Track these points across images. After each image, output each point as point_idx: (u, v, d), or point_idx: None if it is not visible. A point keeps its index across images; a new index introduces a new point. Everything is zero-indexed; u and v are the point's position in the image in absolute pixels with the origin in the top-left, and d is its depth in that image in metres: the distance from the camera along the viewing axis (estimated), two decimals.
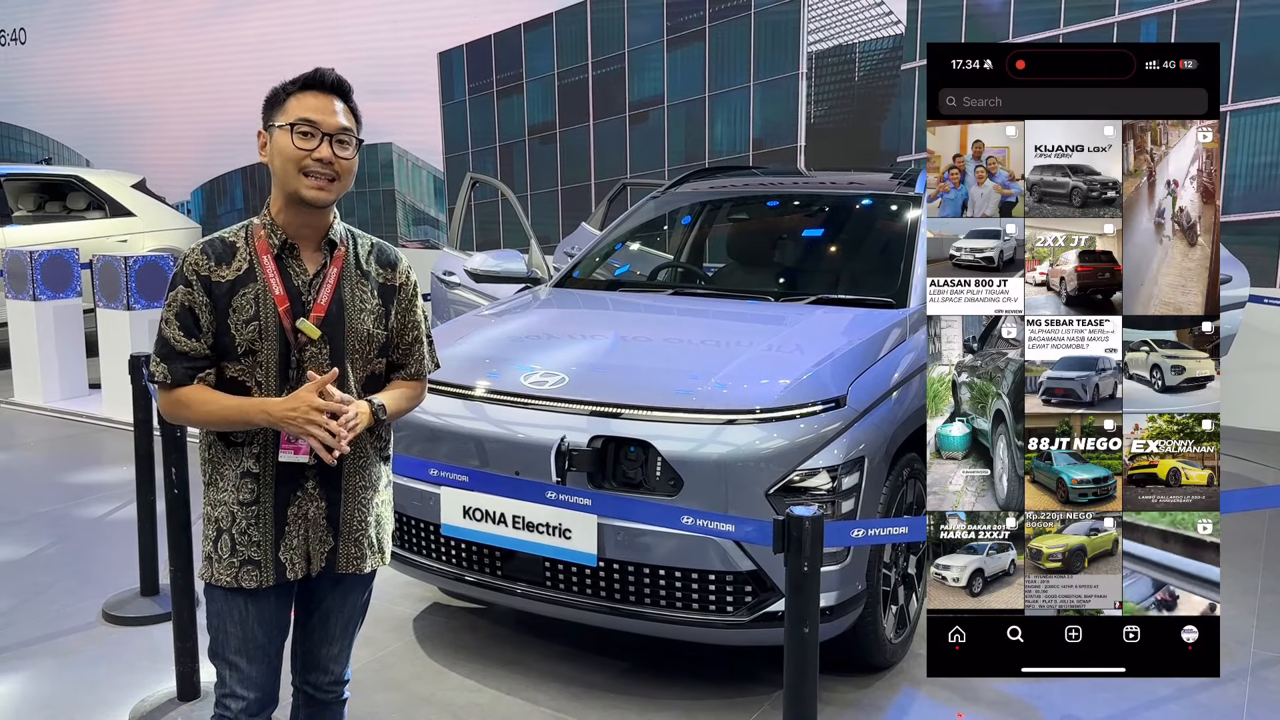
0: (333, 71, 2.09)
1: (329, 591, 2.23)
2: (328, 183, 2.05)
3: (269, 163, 2.09)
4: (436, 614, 3.85)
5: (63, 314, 7.23)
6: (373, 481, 2.21)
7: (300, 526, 2.11)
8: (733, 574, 2.99)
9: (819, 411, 3.07)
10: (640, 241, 5.10)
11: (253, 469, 2.08)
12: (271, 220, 2.10)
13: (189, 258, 2.06)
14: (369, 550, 2.20)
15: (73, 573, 4.27)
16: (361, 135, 2.13)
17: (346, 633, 2.29)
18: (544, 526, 3.06)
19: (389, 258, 2.23)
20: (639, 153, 9.11)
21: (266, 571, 2.10)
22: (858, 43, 8.12)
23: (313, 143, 2.03)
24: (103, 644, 3.64)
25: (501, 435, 3.22)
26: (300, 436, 2.01)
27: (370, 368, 2.18)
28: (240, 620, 2.12)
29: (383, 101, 10.43)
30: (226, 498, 2.09)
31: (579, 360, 3.42)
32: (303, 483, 2.10)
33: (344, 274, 2.14)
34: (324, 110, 2.05)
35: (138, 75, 12.36)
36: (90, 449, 6.23)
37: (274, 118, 2.07)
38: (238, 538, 2.08)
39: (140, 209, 9.45)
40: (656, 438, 3.03)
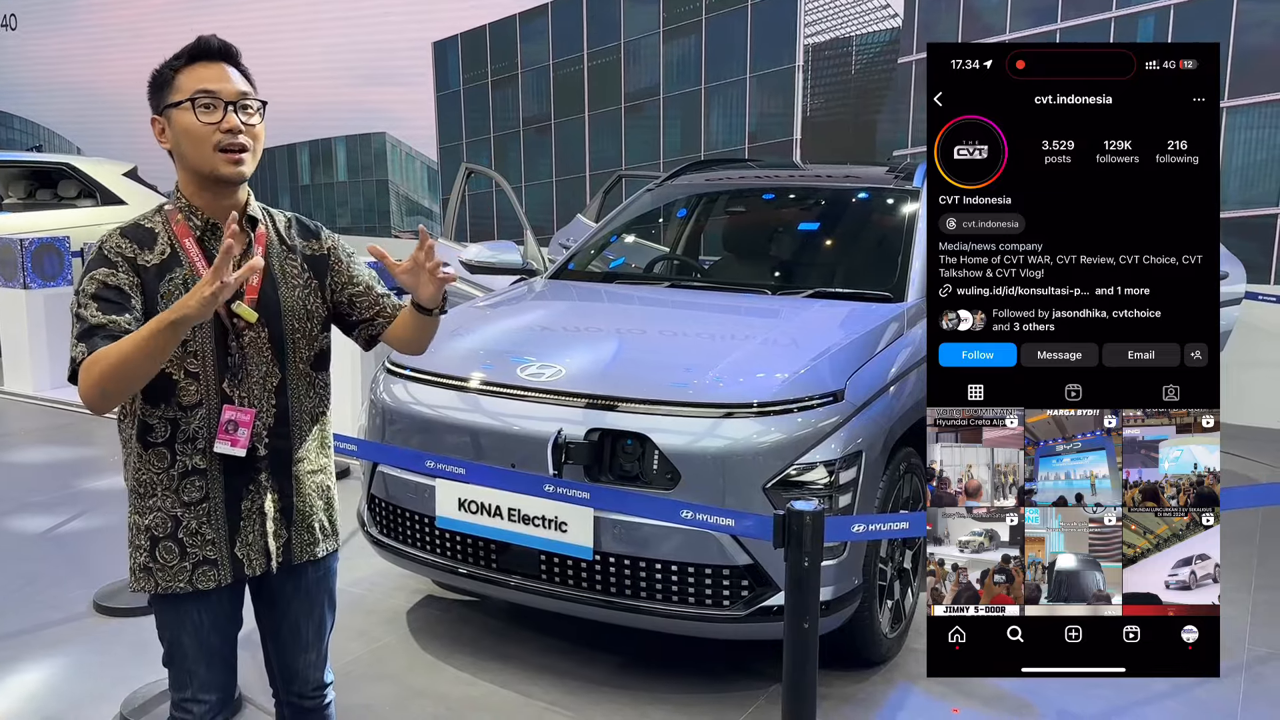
0: (216, 37, 1.97)
1: (292, 597, 2.14)
2: (241, 154, 1.94)
3: (171, 149, 1.98)
4: (431, 607, 3.83)
5: (53, 302, 7.17)
6: (321, 465, 2.14)
7: (256, 521, 2.02)
8: (729, 568, 2.98)
9: (817, 406, 3.06)
10: (636, 234, 5.08)
11: (198, 465, 1.96)
12: (187, 203, 1.98)
13: (108, 241, 1.93)
14: (320, 535, 2.13)
15: (63, 563, 4.24)
16: (263, 98, 2.00)
17: (320, 637, 2.21)
18: (540, 519, 3.05)
19: (309, 228, 2.14)
20: (634, 145, 9.08)
21: (224, 570, 2.00)
22: (855, 36, 8.10)
23: (216, 114, 1.90)
24: (94, 635, 3.61)
25: (497, 428, 3.20)
26: (214, 302, 1.72)
27: (317, 345, 2.09)
28: (195, 630, 2.03)
29: (376, 91, 10.39)
30: (164, 502, 1.98)
31: (576, 352, 3.40)
32: (255, 475, 2.02)
33: (269, 252, 2.04)
34: (219, 78, 1.93)
35: (130, 62, 12.26)
36: (81, 438, 6.19)
37: (167, 98, 1.94)
38: (187, 540, 1.98)
39: (132, 197, 9.37)
40: (654, 431, 3.01)
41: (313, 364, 2.10)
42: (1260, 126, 6.62)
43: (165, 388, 1.94)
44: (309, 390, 2.09)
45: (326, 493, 2.16)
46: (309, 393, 2.09)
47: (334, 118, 10.82)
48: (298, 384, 2.06)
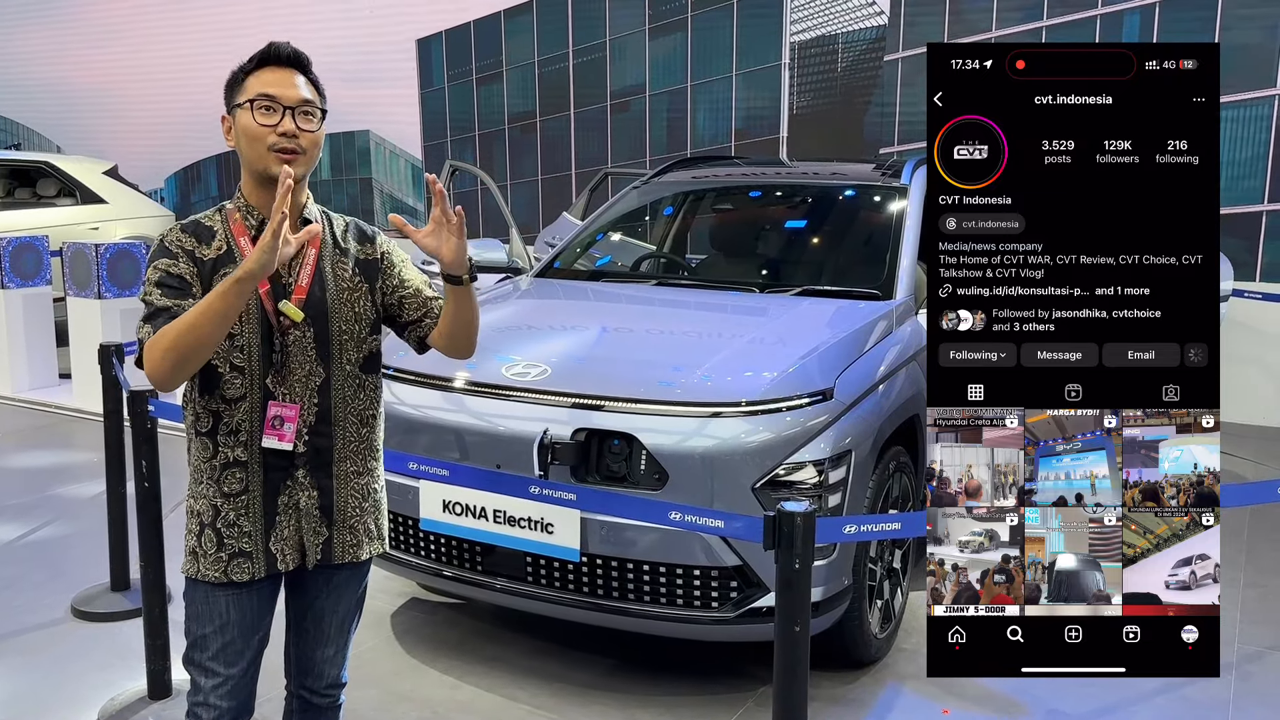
0: (288, 45, 2.04)
1: (321, 589, 2.15)
2: (294, 156, 1.99)
3: (235, 146, 2.05)
4: (415, 609, 3.78)
5: (32, 302, 7.09)
6: (368, 467, 2.14)
7: (292, 516, 2.04)
8: (718, 569, 2.94)
9: (806, 404, 3.03)
10: (622, 232, 5.04)
11: (240, 457, 2.00)
12: (245, 202, 2.05)
13: (169, 235, 2.01)
14: (365, 537, 2.14)
15: (41, 567, 4.18)
16: (325, 107, 2.07)
17: (342, 633, 2.21)
18: (526, 521, 3.00)
19: (365, 232, 2.18)
20: (620, 142, 9.04)
21: (258, 563, 2.03)
22: (841, 33, 8.08)
23: (275, 117, 1.98)
24: (71, 641, 3.55)
25: (482, 428, 3.16)
26: (273, 253, 1.80)
27: (366, 348, 2.11)
28: (221, 623, 2.05)
29: (360, 89, 10.31)
30: (208, 490, 2.03)
31: (561, 351, 3.36)
32: (292, 471, 2.03)
33: (322, 253, 2.08)
34: (283, 84, 2.00)
35: (110, 60, 12.16)
36: (60, 440, 6.11)
37: (235, 99, 2.03)
38: (224, 531, 2.01)
39: (112, 196, 9.29)
40: (641, 430, 2.97)
41: (362, 365, 2.11)
42: (1246, 124, 6.63)
43: (211, 379, 1.98)
44: (356, 392, 2.10)
45: (373, 495, 2.17)
46: (356, 395, 2.10)
47: None
48: (343, 384, 2.07)
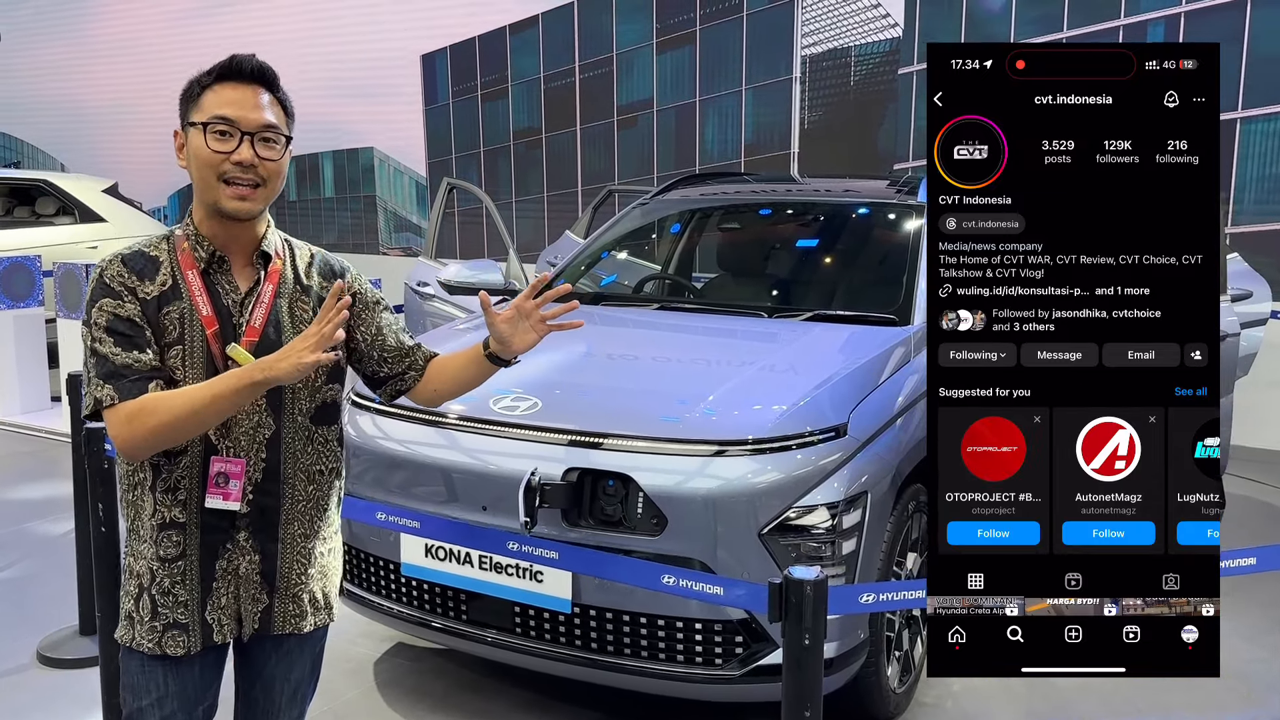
0: (253, 58, 1.80)
1: (270, 655, 1.93)
2: (251, 190, 1.78)
3: (186, 168, 1.82)
4: (399, 656, 3.55)
5: (24, 324, 6.93)
6: (315, 529, 1.91)
7: (230, 583, 1.83)
8: (722, 623, 2.70)
9: (817, 441, 2.79)
10: (626, 251, 4.82)
11: (178, 518, 1.79)
12: (195, 230, 1.82)
13: (108, 269, 1.77)
14: (309, 607, 1.91)
15: (11, 606, 3.96)
16: (290, 133, 1.84)
17: (295, 703, 1.99)
18: (513, 568, 2.77)
19: (332, 268, 1.96)
20: (627, 158, 8.84)
21: (193, 636, 1.81)
22: (853, 46, 7.87)
23: (230, 144, 1.75)
24: (34, 689, 3.33)
25: (468, 465, 2.93)
26: (311, 366, 1.67)
27: (321, 397, 1.88)
28: (159, 694, 1.83)
29: (364, 104, 10.16)
30: (146, 550, 1.81)
31: (554, 382, 3.13)
32: (234, 534, 1.81)
33: (280, 291, 1.86)
34: (244, 104, 1.76)
35: (115, 77, 12.06)
36: (46, 467, 5.92)
37: (189, 115, 1.79)
38: (159, 599, 1.80)
39: (112, 214, 9.12)
40: (638, 470, 2.74)
41: (313, 417, 1.88)
42: (1276, 137, 6.37)
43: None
44: (306, 446, 1.88)
45: (321, 561, 1.93)
46: (306, 449, 1.88)
47: (320, 132, 10.59)
48: (293, 438, 1.85)
